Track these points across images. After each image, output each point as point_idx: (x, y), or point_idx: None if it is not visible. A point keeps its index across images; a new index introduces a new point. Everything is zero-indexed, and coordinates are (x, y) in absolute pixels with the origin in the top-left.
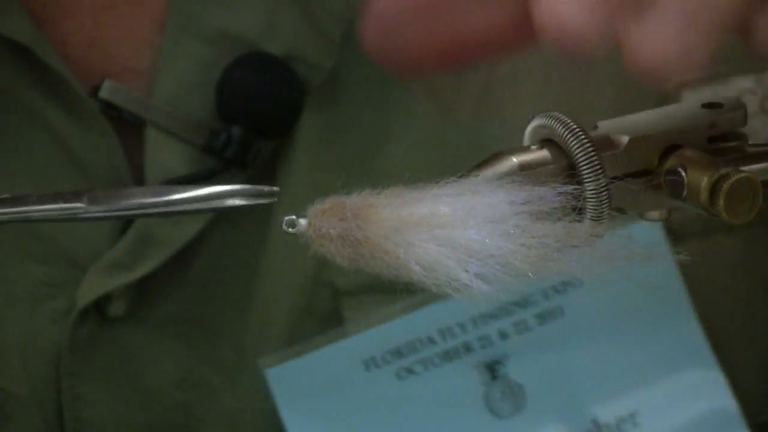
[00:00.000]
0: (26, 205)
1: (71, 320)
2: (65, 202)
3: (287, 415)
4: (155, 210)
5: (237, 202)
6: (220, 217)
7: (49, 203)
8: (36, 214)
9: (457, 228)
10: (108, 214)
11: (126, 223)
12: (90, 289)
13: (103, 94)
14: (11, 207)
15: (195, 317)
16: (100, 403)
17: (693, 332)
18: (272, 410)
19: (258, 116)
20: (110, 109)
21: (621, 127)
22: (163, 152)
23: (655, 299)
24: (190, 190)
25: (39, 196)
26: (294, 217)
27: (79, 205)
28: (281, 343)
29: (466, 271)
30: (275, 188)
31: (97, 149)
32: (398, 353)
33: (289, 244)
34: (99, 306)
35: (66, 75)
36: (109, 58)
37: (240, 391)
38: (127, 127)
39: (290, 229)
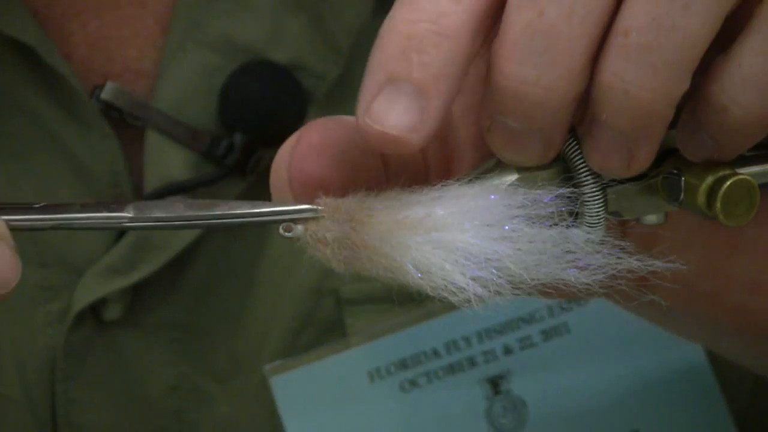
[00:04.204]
0: (69, 212)
1: (67, 324)
2: (109, 211)
3: (289, 424)
4: (199, 222)
5: (282, 218)
6: None
7: (93, 212)
8: (79, 222)
9: (453, 231)
10: (152, 224)
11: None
12: (86, 293)
13: (105, 95)
14: (54, 214)
15: (190, 323)
16: (93, 408)
17: (695, 352)
18: (267, 418)
19: (261, 124)
20: (112, 111)
21: None
22: (163, 157)
23: None
24: (235, 207)
25: (82, 204)
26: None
27: (123, 214)
28: (281, 351)
29: (463, 275)
30: (318, 207)
31: (98, 152)
32: (403, 365)
33: (289, 251)
34: (95, 310)
35: (69, 77)
36: (112, 58)
37: (235, 399)
38: (128, 129)
39: (287, 234)
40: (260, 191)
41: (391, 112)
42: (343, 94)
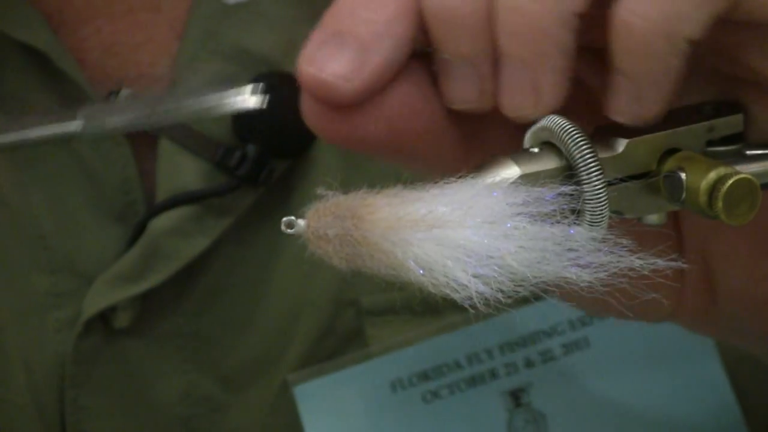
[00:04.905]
0: (23, 129)
1: (76, 331)
2: (60, 121)
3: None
4: (144, 124)
5: (230, 102)
6: (230, 233)
7: (44, 127)
8: (32, 140)
9: (455, 228)
10: (104, 132)
11: (134, 235)
12: (96, 301)
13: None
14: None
15: (200, 331)
16: (102, 415)
17: (715, 370)
18: (283, 427)
19: (274, 135)
20: None
21: (620, 130)
22: (176, 165)
23: (679, 335)
24: (180, 98)
25: (32, 117)
26: (293, 217)
27: (74, 125)
28: (301, 361)
29: (465, 272)
30: (264, 91)
31: (110, 159)
32: (425, 376)
33: (306, 261)
34: (104, 317)
35: (81, 83)
36: (126, 64)
37: (249, 408)
38: (142, 136)
39: (289, 230)
40: (272, 202)
41: (330, 60)
42: None
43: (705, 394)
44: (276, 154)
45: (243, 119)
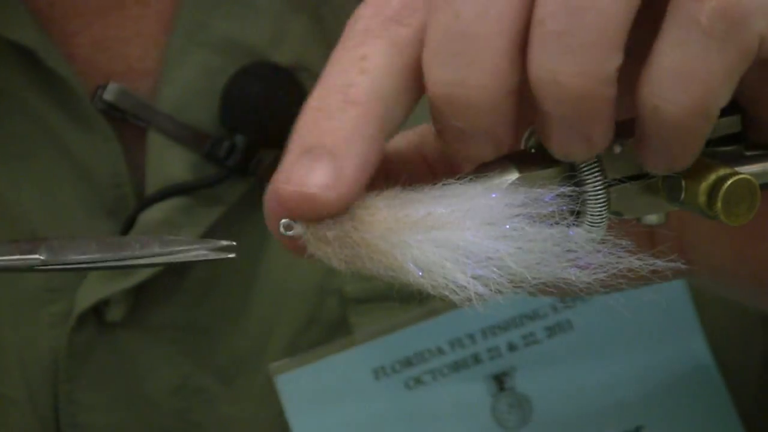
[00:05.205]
0: None
1: (69, 325)
2: (21, 252)
3: (295, 422)
4: (107, 264)
5: (195, 254)
6: (220, 224)
7: (5, 254)
8: None
9: (454, 230)
10: (65, 267)
11: (125, 228)
12: (89, 294)
13: (108, 96)
14: None
15: (193, 323)
16: (97, 409)
17: (700, 349)
18: (272, 417)
19: (262, 126)
20: (114, 111)
21: (619, 131)
22: (165, 158)
23: (663, 315)
24: (147, 245)
25: None
26: (291, 220)
27: (35, 256)
28: (286, 351)
29: (464, 273)
30: (233, 243)
31: (99, 154)
32: (408, 363)
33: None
34: (97, 311)
35: (69, 78)
36: (115, 58)
37: (239, 398)
38: (131, 129)
39: (288, 233)
40: (262, 192)
41: (308, 175)
42: None
43: (689, 374)
44: (264, 144)
45: (231, 110)
